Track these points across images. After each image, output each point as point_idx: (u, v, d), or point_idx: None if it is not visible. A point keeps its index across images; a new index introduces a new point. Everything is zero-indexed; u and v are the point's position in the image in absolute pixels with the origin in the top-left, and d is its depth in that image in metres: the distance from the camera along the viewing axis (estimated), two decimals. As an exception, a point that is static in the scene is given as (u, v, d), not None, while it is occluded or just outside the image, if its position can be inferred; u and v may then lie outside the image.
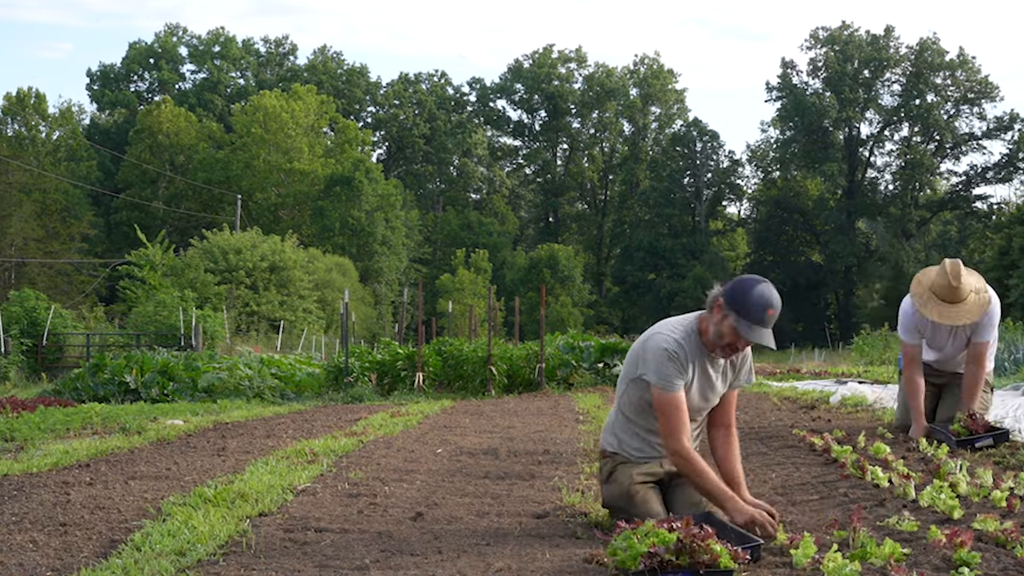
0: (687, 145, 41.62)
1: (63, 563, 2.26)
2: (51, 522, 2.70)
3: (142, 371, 8.48)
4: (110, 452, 4.24)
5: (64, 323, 17.15)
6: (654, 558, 1.91)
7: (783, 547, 2.17)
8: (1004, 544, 2.11)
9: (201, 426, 5.39)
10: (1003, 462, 3.11)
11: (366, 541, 2.40)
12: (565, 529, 2.50)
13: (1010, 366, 7.36)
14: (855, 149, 41.57)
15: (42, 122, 35.32)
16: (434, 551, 2.29)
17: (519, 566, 2.12)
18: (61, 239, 29.87)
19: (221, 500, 2.87)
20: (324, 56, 46.19)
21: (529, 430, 4.90)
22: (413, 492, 3.06)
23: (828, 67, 40.61)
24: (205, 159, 36.29)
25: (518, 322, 11.25)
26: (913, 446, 3.45)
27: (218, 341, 17.53)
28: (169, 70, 43.82)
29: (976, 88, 40.40)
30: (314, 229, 34.93)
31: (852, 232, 39.54)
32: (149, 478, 3.47)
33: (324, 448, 4.08)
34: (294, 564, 2.18)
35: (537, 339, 9.90)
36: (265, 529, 2.53)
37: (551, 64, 45.84)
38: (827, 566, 1.93)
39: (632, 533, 2.03)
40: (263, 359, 10.73)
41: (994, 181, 41.06)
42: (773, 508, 2.36)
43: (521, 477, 3.33)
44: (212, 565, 2.18)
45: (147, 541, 2.39)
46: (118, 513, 2.82)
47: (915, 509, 2.52)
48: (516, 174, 48.26)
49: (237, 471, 3.53)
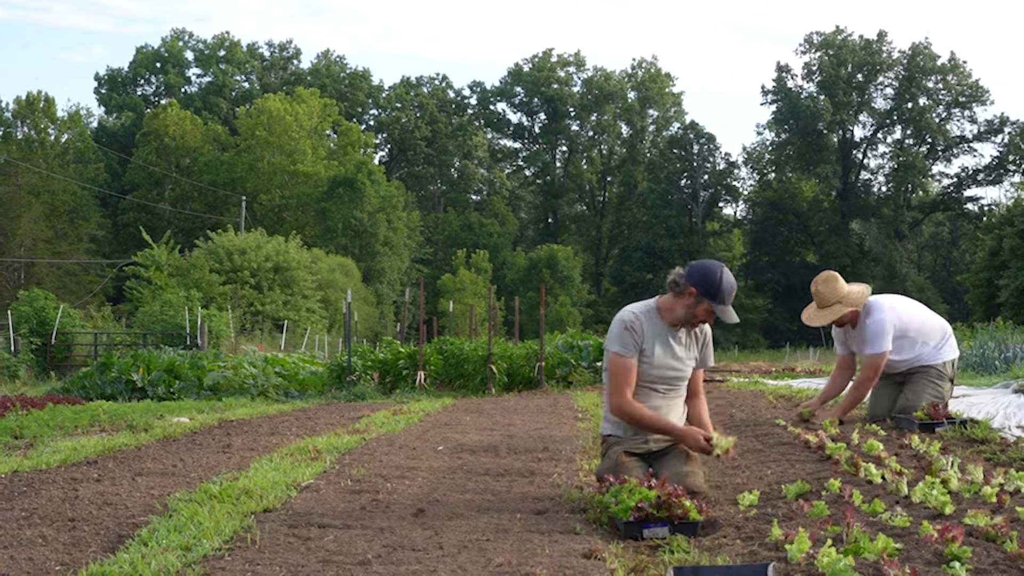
0: (684, 147, 41.82)
1: (71, 558, 2.30)
2: (60, 517, 2.73)
3: (148, 370, 8.54)
4: (117, 449, 4.29)
5: (72, 322, 17.26)
6: (641, 511, 2.36)
7: (778, 542, 2.21)
8: (994, 539, 2.14)
9: (206, 424, 5.43)
10: (994, 459, 3.14)
11: (368, 536, 2.43)
12: (564, 525, 2.53)
13: (1001, 364, 7.38)
14: (849, 151, 41.91)
15: (51, 125, 35.57)
16: (435, 546, 2.31)
17: (519, 561, 2.15)
18: (69, 240, 30.04)
19: (226, 496, 2.91)
20: (327, 60, 46.42)
21: (529, 428, 4.93)
22: (415, 488, 3.09)
23: (822, 71, 41.01)
24: (210, 161, 36.46)
25: (518, 321, 11.29)
26: (906, 443, 3.49)
27: (223, 340, 17.61)
28: (175, 74, 44.09)
29: (967, 92, 40.81)
30: (317, 230, 35.06)
31: (846, 233, 39.68)
32: (155, 474, 3.51)
33: (327, 445, 4.11)
34: (298, 559, 2.21)
35: (537, 338, 9.93)
36: (269, 525, 2.56)
37: (550, 68, 46.09)
38: (821, 561, 1.96)
39: (620, 488, 2.46)
40: (267, 358, 10.79)
41: (985, 183, 41.46)
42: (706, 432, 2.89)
43: (521, 474, 3.36)
44: (217, 560, 2.21)
45: (154, 536, 2.42)
46: (125, 509, 2.86)
47: (907, 505, 2.55)
48: (516, 176, 48.45)
49: (242, 468, 3.57)
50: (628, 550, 2.28)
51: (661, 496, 2.36)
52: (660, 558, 2.21)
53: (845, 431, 3.86)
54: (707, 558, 2.16)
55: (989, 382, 6.08)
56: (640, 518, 2.35)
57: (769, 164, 42.66)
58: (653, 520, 2.34)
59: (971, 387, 5.89)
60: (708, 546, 2.27)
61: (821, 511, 2.44)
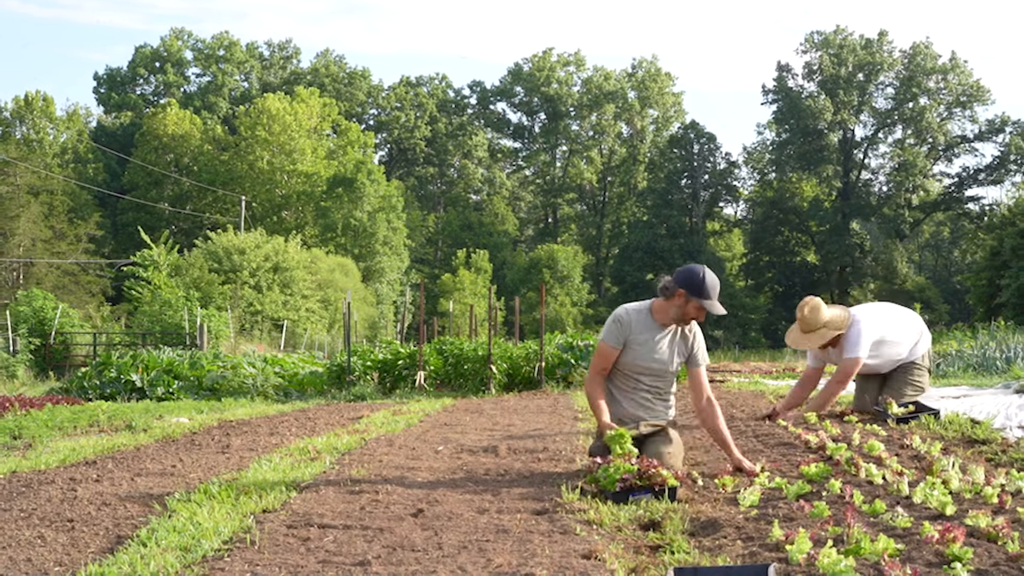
0: (684, 147, 41.68)
1: (70, 558, 2.29)
2: (59, 518, 2.73)
3: (148, 370, 8.53)
4: (116, 449, 4.28)
5: (71, 322, 17.23)
6: (626, 482, 2.82)
7: (779, 543, 2.20)
8: (995, 539, 2.14)
9: (206, 424, 5.43)
10: (995, 459, 3.13)
11: (368, 537, 2.42)
12: (564, 525, 2.53)
13: (1002, 365, 7.37)
14: (849, 151, 41.79)
15: (49, 125, 35.49)
16: (435, 547, 2.31)
17: (519, 561, 2.14)
18: (68, 240, 29.98)
19: (225, 497, 2.90)
20: (326, 59, 46.32)
21: (529, 428, 4.92)
22: (414, 489, 3.09)
23: (823, 70, 40.85)
24: (209, 161, 36.41)
25: (518, 321, 11.28)
26: (907, 443, 3.49)
27: (222, 340, 17.59)
28: (174, 73, 43.98)
29: (968, 91, 40.64)
30: (317, 230, 35.01)
31: (846, 233, 39.60)
32: (155, 475, 3.50)
33: (327, 446, 4.11)
34: (297, 560, 2.20)
35: (537, 338, 9.92)
36: (269, 525, 2.55)
37: (550, 67, 45.95)
38: (822, 561, 1.95)
39: (608, 465, 2.88)
40: (266, 358, 10.78)
41: (986, 183, 41.27)
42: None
43: (521, 474, 3.36)
44: (216, 561, 2.20)
45: (153, 537, 2.41)
46: (124, 509, 2.86)
47: (908, 505, 2.54)
48: (516, 175, 48.36)
49: (241, 468, 3.56)
50: (628, 550, 2.28)
51: (641, 469, 2.83)
52: (660, 558, 2.21)
53: (846, 431, 3.87)
54: (707, 558, 2.16)
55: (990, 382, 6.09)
56: (626, 488, 2.80)
57: (769, 164, 42.56)
58: (637, 489, 2.79)
59: (972, 387, 5.90)
60: (708, 546, 2.27)
61: (822, 512, 2.44)
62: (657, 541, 2.36)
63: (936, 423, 4.04)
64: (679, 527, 2.47)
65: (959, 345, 9.49)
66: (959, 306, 36.57)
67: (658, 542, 2.34)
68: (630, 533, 2.46)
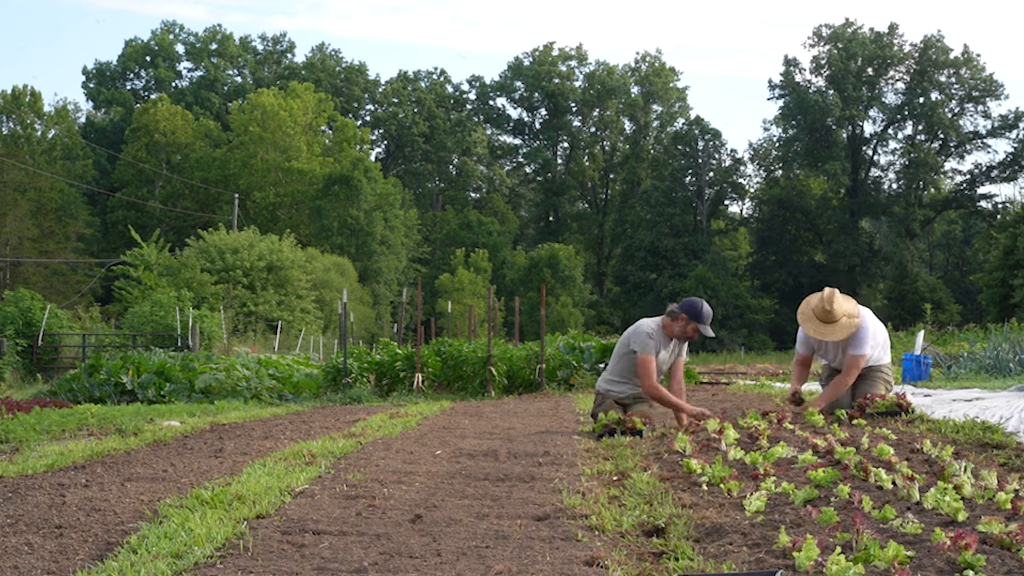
0: (689, 144, 41.40)
1: (58, 566, 2.25)
2: (46, 524, 2.68)
3: (138, 372, 8.45)
4: (106, 454, 4.22)
5: (60, 323, 17.09)
6: (607, 427, 4.33)
7: (786, 549, 2.15)
8: (1009, 547, 2.10)
9: (198, 427, 5.37)
10: (1009, 464, 3.10)
11: (364, 543, 2.38)
12: (566, 531, 2.49)
13: (1016, 367, 7.33)
14: (858, 148, 41.24)
15: (37, 120, 35.18)
16: (433, 553, 2.27)
17: (519, 568, 2.11)
18: (57, 238, 29.79)
19: (218, 502, 2.85)
20: (322, 53, 45.99)
21: (529, 431, 4.88)
22: (412, 494, 3.05)
23: (831, 65, 40.24)
24: (202, 158, 36.20)
25: (518, 322, 11.24)
26: (918, 448, 3.45)
27: (215, 341, 17.48)
28: (166, 68, 43.65)
29: (981, 86, 40.05)
30: (312, 228, 34.85)
31: (855, 232, 39.40)
32: (145, 480, 3.45)
33: (322, 450, 4.06)
34: (292, 567, 2.16)
35: (537, 339, 9.88)
36: (262, 531, 2.51)
37: (551, 62, 45.61)
38: (830, 568, 1.92)
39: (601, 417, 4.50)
40: (261, 360, 10.70)
41: (999, 180, 40.74)
42: (706, 410, 4.70)
43: (521, 479, 3.32)
44: (209, 568, 2.16)
45: (143, 544, 2.37)
46: (114, 515, 2.80)
47: (919, 511, 2.51)
48: (516, 173, 48.10)
49: (234, 473, 3.51)
50: (631, 557, 2.24)
51: (622, 419, 4.35)
52: (664, 565, 2.17)
53: (855, 435, 3.84)
54: (712, 565, 2.12)
55: (1003, 384, 6.07)
56: (607, 431, 4.28)
57: (776, 161, 41.82)
58: (613, 432, 4.26)
59: (985, 390, 5.87)
60: (714, 553, 2.23)
61: (830, 517, 2.40)
62: (661, 547, 2.32)
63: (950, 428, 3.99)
64: (683, 533, 2.44)
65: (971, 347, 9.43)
66: (971, 306, 35.73)
67: (662, 548, 2.30)
68: (633, 539, 2.42)
